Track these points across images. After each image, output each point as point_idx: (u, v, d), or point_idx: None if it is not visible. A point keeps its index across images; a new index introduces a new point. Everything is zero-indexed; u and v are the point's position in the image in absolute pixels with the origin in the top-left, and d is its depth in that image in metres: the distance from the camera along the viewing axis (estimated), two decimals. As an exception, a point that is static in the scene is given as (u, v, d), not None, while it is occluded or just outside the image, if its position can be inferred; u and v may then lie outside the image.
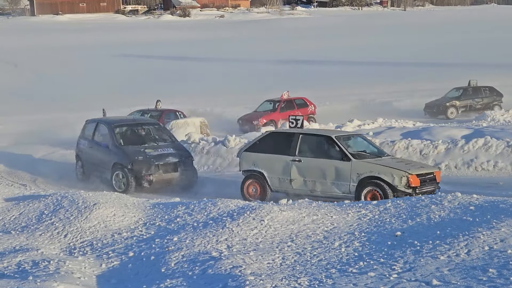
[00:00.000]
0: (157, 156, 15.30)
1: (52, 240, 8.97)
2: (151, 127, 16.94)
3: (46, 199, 10.76)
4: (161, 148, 15.73)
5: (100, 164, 16.02)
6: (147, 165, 15.09)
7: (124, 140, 15.96)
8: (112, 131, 15.88)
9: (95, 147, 16.45)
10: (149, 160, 15.14)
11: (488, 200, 8.84)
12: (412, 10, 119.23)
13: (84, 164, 16.93)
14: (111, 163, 15.45)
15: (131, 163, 15.02)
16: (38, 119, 29.41)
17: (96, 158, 16.24)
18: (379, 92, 37.48)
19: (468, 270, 6.26)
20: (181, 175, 15.35)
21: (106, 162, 15.68)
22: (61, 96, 38.20)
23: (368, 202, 9.64)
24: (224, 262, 7.10)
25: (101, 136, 16.52)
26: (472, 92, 30.51)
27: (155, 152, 15.41)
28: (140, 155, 15.25)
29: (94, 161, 16.38)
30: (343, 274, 6.54)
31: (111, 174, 15.42)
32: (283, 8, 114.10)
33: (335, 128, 21.51)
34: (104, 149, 15.97)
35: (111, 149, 15.68)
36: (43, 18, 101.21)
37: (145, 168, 15.04)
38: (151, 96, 29.17)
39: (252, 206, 9.44)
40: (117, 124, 16.40)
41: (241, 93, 38.01)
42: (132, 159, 15.09)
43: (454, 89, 30.91)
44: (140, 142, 15.99)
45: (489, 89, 30.86)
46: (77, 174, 17.28)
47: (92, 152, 16.53)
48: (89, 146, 16.74)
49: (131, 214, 9.82)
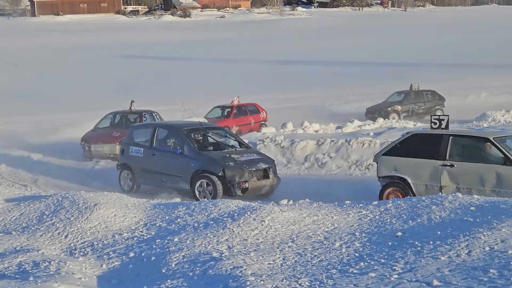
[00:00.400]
0: (247, 162, 14.08)
1: (52, 241, 8.97)
2: (221, 131, 15.96)
3: (47, 199, 10.76)
4: (244, 153, 14.56)
5: (169, 173, 14.64)
6: (240, 171, 13.82)
7: (200, 145, 14.73)
8: (187, 136, 14.61)
9: (159, 154, 15.00)
10: (241, 166, 13.87)
11: (488, 200, 8.84)
12: (412, 10, 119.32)
13: (136, 174, 15.46)
14: (191, 171, 14.07)
15: (222, 170, 13.70)
16: (36, 120, 29.42)
17: (162, 166, 14.81)
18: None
19: (468, 270, 6.26)
20: (272, 182, 14.27)
21: (182, 170, 14.30)
22: (60, 97, 38.24)
23: (369, 202, 9.63)
24: (224, 263, 7.10)
25: (167, 142, 15.27)
26: (414, 96, 29.85)
27: (243, 158, 14.20)
28: (229, 161, 13.97)
29: (156, 170, 14.94)
30: (344, 274, 6.54)
31: (190, 183, 14.07)
32: (283, 9, 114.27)
33: (336, 129, 21.54)
34: (176, 156, 14.52)
35: (189, 155, 14.27)
36: (44, 19, 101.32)
37: (238, 175, 13.76)
38: (151, 96, 29.23)
39: (252, 207, 9.44)
40: (189, 128, 15.13)
41: (241, 93, 37.96)
42: (222, 165, 13.76)
43: (396, 93, 30.21)
44: (216, 147, 14.83)
45: (431, 93, 30.25)
46: (122, 184, 15.83)
47: (153, 160, 15.05)
48: (149, 153, 15.23)
49: (132, 215, 9.83)
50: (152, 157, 15.14)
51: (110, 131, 21.16)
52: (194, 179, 14.01)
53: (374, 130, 20.41)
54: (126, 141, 16.15)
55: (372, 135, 18.85)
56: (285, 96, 33.11)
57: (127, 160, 15.76)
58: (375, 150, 16.65)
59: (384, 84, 40.27)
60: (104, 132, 21.22)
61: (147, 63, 55.87)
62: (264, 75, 46.02)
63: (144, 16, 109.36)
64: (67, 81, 45.80)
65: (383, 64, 49.97)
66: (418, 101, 29.76)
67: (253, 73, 47.13)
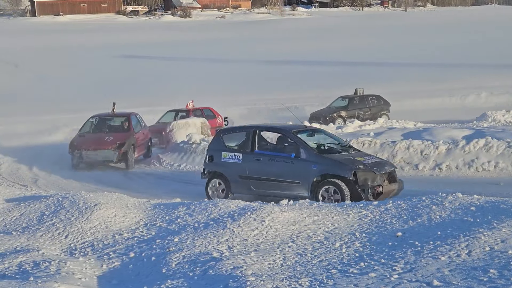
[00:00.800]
0: (375, 165, 12.91)
1: (53, 241, 8.97)
2: (322, 133, 14.61)
3: (47, 199, 10.77)
4: (364, 156, 13.47)
5: (281, 179, 13.24)
6: (372, 175, 12.60)
7: (318, 148, 13.48)
8: (302, 139, 13.34)
9: (264, 159, 13.57)
10: (372, 169, 12.69)
11: (489, 200, 8.84)
12: (412, 10, 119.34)
13: (233, 182, 13.99)
14: (312, 177, 12.76)
15: (353, 174, 12.46)
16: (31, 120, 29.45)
17: (270, 173, 13.41)
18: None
19: (469, 270, 6.27)
20: (399, 185, 13.13)
21: (299, 176, 13.01)
22: (60, 97, 38.26)
23: (369, 202, 9.64)
24: (225, 263, 7.10)
25: (275, 146, 14.06)
26: (359, 102, 28.84)
27: (368, 160, 13.03)
28: (358, 164, 12.75)
29: (263, 177, 13.54)
30: (344, 274, 6.55)
31: (312, 189, 12.77)
32: (283, 9, 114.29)
33: (335, 129, 21.54)
34: (291, 161, 13.12)
35: (307, 159, 12.92)
36: (44, 19, 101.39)
37: (370, 179, 12.55)
38: (151, 96, 29.23)
39: (253, 207, 9.45)
40: (299, 130, 13.91)
41: (241, 94, 38.03)
42: (353, 168, 12.51)
43: (340, 98, 29.21)
44: (332, 150, 13.59)
45: (376, 97, 29.30)
46: (211, 194, 14.22)
47: (257, 166, 13.62)
48: (250, 159, 13.78)
49: (132, 215, 9.83)
50: (256, 163, 13.68)
51: (100, 136, 20.03)
52: (316, 185, 12.74)
53: (374, 130, 20.44)
54: (214, 147, 14.63)
55: (372, 135, 18.88)
56: (286, 96, 33.06)
57: (219, 167, 14.23)
58: (375, 150, 16.68)
59: (384, 84, 40.30)
60: (94, 137, 20.02)
61: (147, 63, 55.88)
62: (264, 75, 46.02)
63: (144, 16, 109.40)
64: (67, 81, 45.82)
65: (383, 64, 49.97)
66: (363, 106, 28.69)
67: (253, 73, 47.14)
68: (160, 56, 60.29)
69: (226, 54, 59.47)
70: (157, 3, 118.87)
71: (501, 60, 46.56)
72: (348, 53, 57.41)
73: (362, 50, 59.50)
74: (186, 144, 20.06)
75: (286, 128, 14.19)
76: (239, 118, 28.11)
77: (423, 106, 30.53)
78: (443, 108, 30.47)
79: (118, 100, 23.16)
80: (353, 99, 28.94)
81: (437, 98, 32.79)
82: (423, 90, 36.27)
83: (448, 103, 31.10)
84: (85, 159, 19.40)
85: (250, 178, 13.73)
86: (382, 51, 58.69)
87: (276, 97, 32.49)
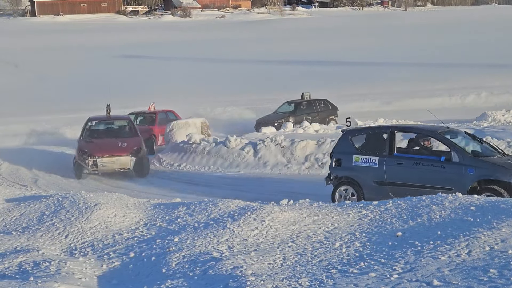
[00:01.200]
0: None
1: (53, 241, 8.97)
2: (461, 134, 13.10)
3: (47, 199, 10.76)
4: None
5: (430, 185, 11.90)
6: None
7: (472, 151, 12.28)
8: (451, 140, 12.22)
9: (407, 163, 12.33)
10: None
11: (488, 200, 8.84)
12: (412, 10, 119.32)
13: (366, 188, 12.75)
14: (468, 182, 11.56)
15: None
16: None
17: (416, 178, 12.17)
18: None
19: (469, 270, 6.26)
20: None
21: (452, 181, 11.73)
22: (60, 97, 38.24)
23: (369, 202, 9.64)
24: (225, 263, 7.10)
25: (419, 148, 12.69)
26: (306, 106, 27.85)
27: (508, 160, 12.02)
28: None
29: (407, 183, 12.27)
30: (344, 274, 6.55)
31: None
32: (283, 9, 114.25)
33: (336, 128, 21.54)
34: (441, 164, 11.93)
35: (462, 163, 11.67)
36: (44, 19, 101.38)
37: None
38: (151, 96, 29.21)
39: (253, 207, 9.45)
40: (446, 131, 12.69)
41: (241, 94, 38.05)
42: None
43: (286, 103, 28.23)
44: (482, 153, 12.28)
45: (323, 102, 28.51)
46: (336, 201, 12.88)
47: (399, 171, 12.38)
48: (390, 163, 12.50)
49: (132, 215, 9.83)
50: (397, 167, 12.44)
51: (112, 141, 18.83)
52: (472, 192, 11.25)
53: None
54: (342, 149, 13.32)
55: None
56: (285, 96, 33.02)
57: (350, 172, 12.99)
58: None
59: (384, 84, 40.33)
60: (105, 142, 18.71)
61: (147, 63, 55.86)
62: (264, 75, 46.02)
63: (144, 16, 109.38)
64: (67, 81, 45.80)
65: (383, 64, 49.97)
66: (311, 111, 27.71)
67: (253, 73, 47.13)
68: (160, 56, 60.28)
69: (226, 54, 59.46)
70: (157, 3, 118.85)
71: (501, 60, 46.58)
72: (348, 53, 57.40)
73: (362, 50, 59.49)
74: (186, 144, 20.07)
75: (431, 129, 12.95)
76: (239, 118, 28.10)
77: (423, 106, 30.50)
78: (443, 108, 30.44)
79: (119, 100, 23.12)
80: (300, 103, 27.97)
81: (437, 98, 32.78)
82: (423, 90, 36.28)
83: (448, 103, 31.08)
84: (100, 167, 17.85)
85: (389, 184, 12.50)
86: (382, 51, 58.69)
87: (276, 97, 32.47)
